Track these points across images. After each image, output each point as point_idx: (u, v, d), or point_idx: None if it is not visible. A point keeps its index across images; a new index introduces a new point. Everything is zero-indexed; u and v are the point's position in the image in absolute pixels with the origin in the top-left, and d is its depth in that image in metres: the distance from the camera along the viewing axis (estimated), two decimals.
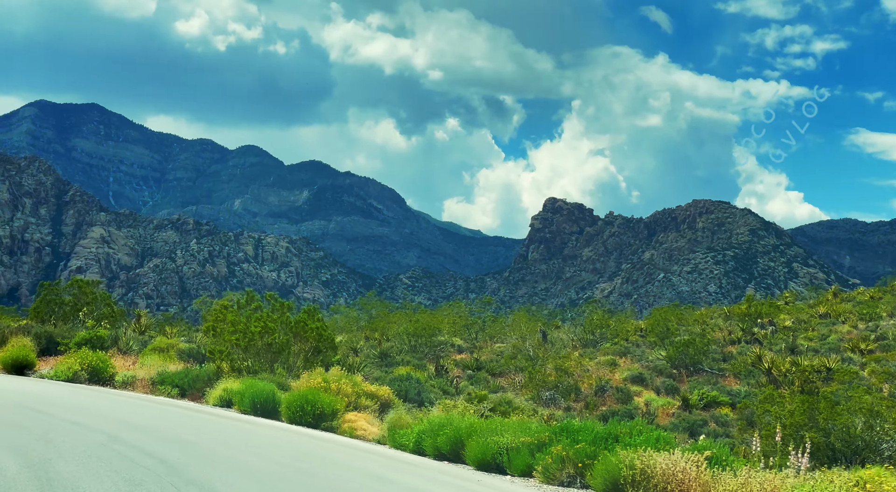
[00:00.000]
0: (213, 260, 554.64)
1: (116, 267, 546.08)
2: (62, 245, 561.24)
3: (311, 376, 39.56)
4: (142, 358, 50.51)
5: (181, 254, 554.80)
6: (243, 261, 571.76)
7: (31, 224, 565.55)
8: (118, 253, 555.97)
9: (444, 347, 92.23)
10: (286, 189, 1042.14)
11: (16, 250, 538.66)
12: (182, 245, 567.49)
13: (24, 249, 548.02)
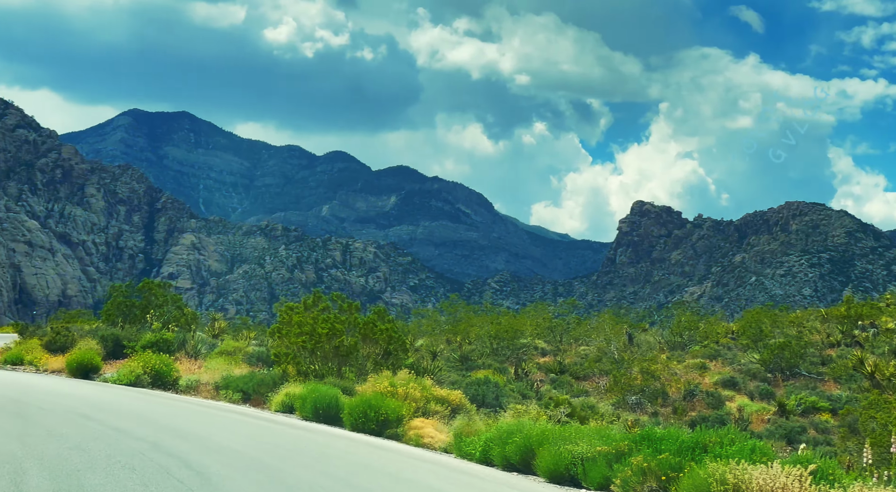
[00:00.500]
0: (301, 266, 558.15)
1: (207, 273, 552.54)
2: (154, 252, 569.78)
3: (378, 380, 37.42)
4: (207, 362, 48.96)
5: (270, 260, 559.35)
6: (331, 266, 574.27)
7: (125, 231, 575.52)
8: (208, 259, 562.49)
9: (526, 350, 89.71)
10: (374, 194, 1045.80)
11: (111, 257, 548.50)
12: (271, 251, 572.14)
13: (119, 255, 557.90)
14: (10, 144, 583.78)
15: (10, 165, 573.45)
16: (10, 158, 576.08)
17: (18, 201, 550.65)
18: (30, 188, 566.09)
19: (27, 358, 52.82)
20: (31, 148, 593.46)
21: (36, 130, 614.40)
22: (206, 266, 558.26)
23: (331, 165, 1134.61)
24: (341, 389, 38.35)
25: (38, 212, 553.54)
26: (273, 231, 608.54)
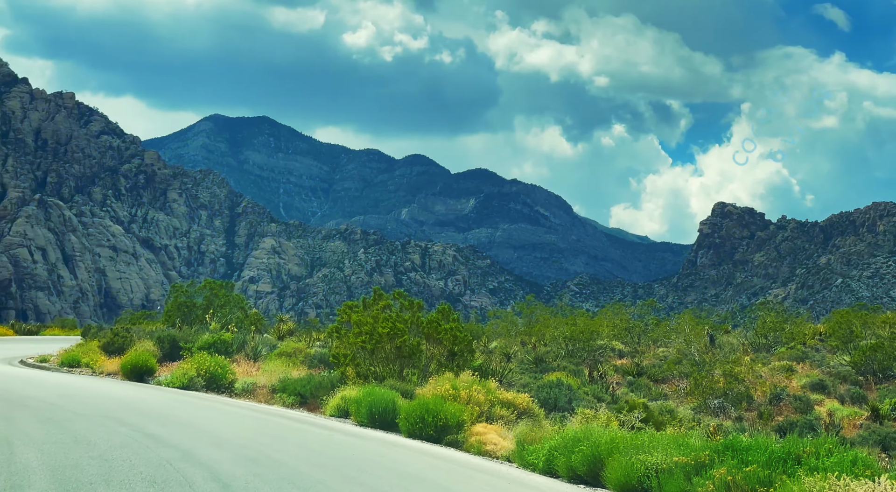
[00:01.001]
0: (380, 269, 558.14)
1: (287, 277, 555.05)
2: (235, 256, 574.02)
3: (439, 383, 35.09)
4: (265, 364, 47.07)
5: (349, 263, 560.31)
6: (410, 270, 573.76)
7: (207, 235, 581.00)
8: (288, 263, 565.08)
9: (602, 352, 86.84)
10: (453, 198, 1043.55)
11: (192, 261, 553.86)
12: (350, 255, 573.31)
13: (201, 259, 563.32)
14: (94, 150, 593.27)
15: (94, 170, 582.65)
16: (94, 164, 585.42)
17: (103, 207, 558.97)
18: (114, 194, 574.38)
19: (84, 360, 51.55)
20: (115, 154, 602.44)
21: (120, 137, 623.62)
22: (286, 270, 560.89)
23: (409, 168, 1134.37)
24: (401, 392, 36.13)
25: (122, 217, 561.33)
26: (352, 235, 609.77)
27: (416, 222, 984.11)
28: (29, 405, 28.54)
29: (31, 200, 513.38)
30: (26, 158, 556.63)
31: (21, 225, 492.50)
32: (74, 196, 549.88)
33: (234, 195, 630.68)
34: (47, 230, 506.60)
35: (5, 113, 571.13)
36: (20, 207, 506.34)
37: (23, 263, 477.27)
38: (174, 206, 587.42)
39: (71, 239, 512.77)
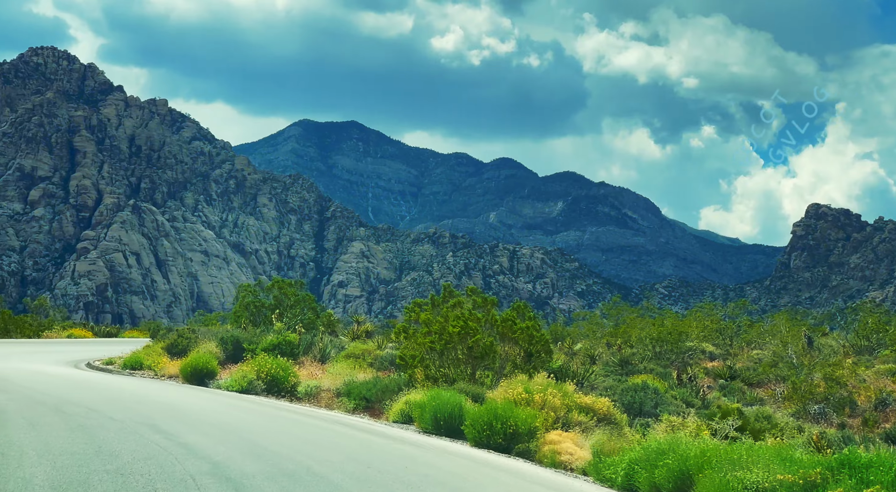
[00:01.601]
0: (469, 273, 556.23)
1: (376, 281, 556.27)
2: (324, 260, 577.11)
3: (511, 386, 32.19)
4: (331, 366, 44.65)
5: (438, 267, 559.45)
6: (499, 273, 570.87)
7: (296, 240, 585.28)
8: (377, 267, 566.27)
9: (692, 354, 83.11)
10: (541, 201, 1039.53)
11: (282, 266, 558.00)
12: (438, 258, 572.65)
13: (290, 264, 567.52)
14: (186, 155, 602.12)
15: (186, 176, 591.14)
16: (186, 170, 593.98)
17: (195, 212, 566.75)
18: (205, 199, 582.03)
19: (147, 362, 49.77)
20: (207, 159, 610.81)
21: (211, 142, 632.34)
22: (375, 274, 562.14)
23: (498, 171, 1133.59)
24: (471, 395, 33.33)
25: (213, 222, 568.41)
26: (441, 238, 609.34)
27: (505, 225, 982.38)
28: (65, 411, 26.64)
29: (125, 206, 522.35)
30: (121, 165, 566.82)
31: (116, 230, 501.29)
32: (167, 201, 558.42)
33: (323, 200, 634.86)
34: (141, 235, 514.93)
35: (101, 120, 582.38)
36: (115, 212, 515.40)
37: (118, 268, 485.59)
38: (264, 210, 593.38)
39: (164, 244, 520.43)
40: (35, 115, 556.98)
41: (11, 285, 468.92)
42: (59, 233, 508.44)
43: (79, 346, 67.54)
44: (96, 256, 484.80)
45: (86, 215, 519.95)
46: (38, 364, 48.82)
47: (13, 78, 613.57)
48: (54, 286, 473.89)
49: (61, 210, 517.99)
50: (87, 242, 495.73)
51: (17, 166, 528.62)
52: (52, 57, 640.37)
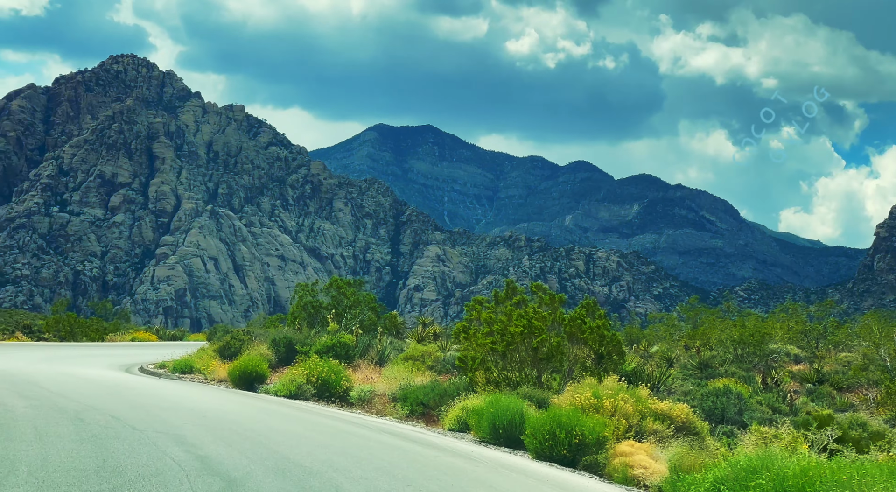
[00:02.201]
0: (544, 276, 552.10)
1: (452, 285, 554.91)
2: (400, 264, 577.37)
3: (578, 390, 29.20)
4: (387, 369, 41.99)
5: (514, 271, 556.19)
6: (574, 276, 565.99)
7: (372, 244, 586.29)
8: (453, 271, 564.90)
9: (776, 356, 79.23)
10: (616, 204, 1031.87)
11: (358, 270, 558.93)
12: (514, 262, 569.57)
13: (366, 268, 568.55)
14: (263, 161, 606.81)
15: (263, 181, 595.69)
16: (263, 175, 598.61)
17: (271, 217, 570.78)
18: (282, 204, 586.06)
19: (197, 366, 47.66)
20: (283, 165, 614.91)
21: (287, 147, 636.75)
22: (451, 277, 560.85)
23: (573, 175, 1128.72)
24: (535, 401, 30.45)
25: (290, 227, 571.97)
26: (516, 242, 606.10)
27: (580, 229, 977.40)
28: (83, 419, 24.51)
29: (203, 211, 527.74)
30: (199, 170, 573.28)
31: (194, 235, 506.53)
32: (244, 206, 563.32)
33: (398, 204, 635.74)
34: (219, 240, 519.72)
35: (180, 127, 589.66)
36: (193, 217, 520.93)
37: (196, 273, 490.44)
38: (340, 215, 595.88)
39: (241, 249, 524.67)
40: (115, 123, 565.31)
41: (93, 290, 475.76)
42: (139, 238, 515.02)
43: (139, 349, 65.99)
44: (175, 262, 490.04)
45: (164, 221, 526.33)
46: (87, 368, 47.10)
47: (94, 86, 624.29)
48: (135, 291, 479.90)
49: (141, 216, 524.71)
50: (166, 247, 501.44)
51: (98, 173, 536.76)
52: (132, 64, 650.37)
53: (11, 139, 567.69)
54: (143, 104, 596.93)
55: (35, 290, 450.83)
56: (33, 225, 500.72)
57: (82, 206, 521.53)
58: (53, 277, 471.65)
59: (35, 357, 53.83)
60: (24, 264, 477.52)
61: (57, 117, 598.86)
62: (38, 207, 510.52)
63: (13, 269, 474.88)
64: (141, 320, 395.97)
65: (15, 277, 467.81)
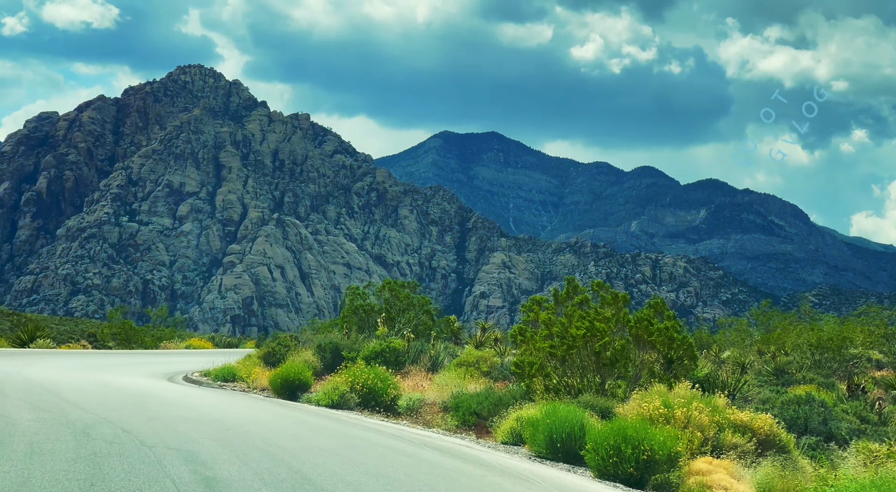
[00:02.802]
0: (611, 282, 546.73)
1: (518, 291, 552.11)
2: (466, 271, 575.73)
3: (646, 399, 26.19)
4: (438, 376, 39.15)
5: (580, 277, 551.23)
6: (641, 282, 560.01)
7: (438, 251, 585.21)
8: (519, 277, 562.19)
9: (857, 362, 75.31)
10: (683, 209, 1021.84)
11: (424, 277, 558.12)
12: (580, 268, 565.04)
13: (432, 275, 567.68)
14: (328, 169, 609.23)
15: (328, 189, 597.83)
16: (328, 183, 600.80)
17: (337, 225, 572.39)
18: (347, 212, 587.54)
19: (240, 374, 45.25)
20: (348, 173, 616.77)
21: (352, 156, 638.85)
22: (517, 284, 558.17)
23: (639, 180, 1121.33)
24: (598, 410, 27.51)
25: (356, 234, 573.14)
26: (582, 248, 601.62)
27: (646, 234, 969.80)
28: (90, 433, 22.25)
29: (269, 220, 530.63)
30: (265, 179, 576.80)
31: (261, 244, 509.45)
32: (310, 215, 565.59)
33: (464, 211, 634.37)
34: (285, 249, 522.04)
35: (246, 136, 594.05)
36: (260, 226, 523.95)
37: (263, 281, 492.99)
38: (405, 222, 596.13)
39: (307, 257, 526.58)
40: (182, 132, 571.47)
41: (162, 299, 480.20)
42: (207, 247, 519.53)
43: (190, 357, 63.88)
44: (242, 270, 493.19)
45: (231, 230, 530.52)
46: (127, 376, 45.01)
47: (162, 96, 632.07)
48: (202, 300, 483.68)
49: (208, 225, 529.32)
50: (233, 255, 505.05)
51: (167, 182, 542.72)
52: (199, 74, 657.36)
53: (82, 150, 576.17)
54: (210, 114, 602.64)
55: (106, 299, 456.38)
56: (104, 235, 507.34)
57: (151, 215, 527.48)
58: (123, 287, 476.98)
59: (78, 365, 52.09)
60: (94, 274, 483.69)
61: (126, 128, 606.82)
62: (108, 217, 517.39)
63: (84, 278, 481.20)
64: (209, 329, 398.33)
65: (86, 287, 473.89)
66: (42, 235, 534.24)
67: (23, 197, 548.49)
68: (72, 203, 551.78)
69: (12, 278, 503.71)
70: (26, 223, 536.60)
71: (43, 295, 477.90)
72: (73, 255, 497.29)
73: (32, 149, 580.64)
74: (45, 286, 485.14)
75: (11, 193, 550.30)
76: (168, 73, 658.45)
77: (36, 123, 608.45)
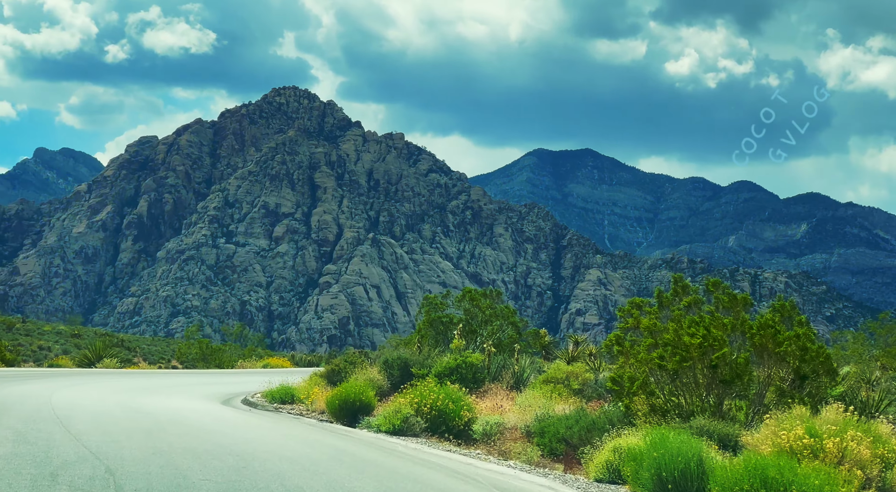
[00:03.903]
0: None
1: (614, 308, 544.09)
2: (561, 288, 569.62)
3: (783, 424, 20.67)
4: (522, 395, 33.54)
5: None
6: None
7: (533, 269, 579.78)
8: (615, 294, 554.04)
9: None
10: (782, 223, 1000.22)
11: (520, 295, 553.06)
12: None
13: (528, 293, 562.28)
14: (423, 188, 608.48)
15: (423, 208, 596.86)
16: (423, 202, 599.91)
17: (432, 243, 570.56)
18: (442, 230, 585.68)
19: (299, 395, 40.16)
20: (443, 191, 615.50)
21: (447, 174, 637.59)
22: (613, 301, 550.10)
23: (736, 195, 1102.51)
24: (717, 438, 22.06)
25: (451, 253, 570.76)
26: (679, 264, 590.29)
27: (744, 250, 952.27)
28: (59, 477, 17.44)
29: (365, 240, 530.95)
30: (360, 199, 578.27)
31: (357, 264, 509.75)
32: (405, 234, 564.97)
33: (558, 228, 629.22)
34: (381, 268, 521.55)
35: (340, 156, 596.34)
36: (355, 246, 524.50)
37: (359, 301, 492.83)
38: (500, 240, 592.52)
39: (403, 276, 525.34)
40: (278, 154, 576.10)
41: (259, 320, 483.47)
42: (303, 268, 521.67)
43: (260, 376, 59.05)
44: (338, 290, 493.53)
45: (327, 250, 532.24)
46: (176, 398, 40.57)
47: (258, 118, 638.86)
48: (299, 320, 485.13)
49: (304, 245, 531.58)
50: (329, 276, 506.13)
51: (262, 204, 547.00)
52: (294, 96, 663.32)
53: (180, 173, 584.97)
54: (305, 135, 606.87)
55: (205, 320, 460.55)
56: (201, 257, 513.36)
57: (247, 237, 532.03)
58: (221, 308, 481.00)
59: (127, 387, 48.04)
60: (193, 295, 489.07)
61: (222, 150, 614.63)
62: (206, 239, 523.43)
63: (184, 300, 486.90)
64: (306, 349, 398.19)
65: (186, 308, 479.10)
66: (143, 257, 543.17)
67: (124, 220, 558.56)
68: (171, 226, 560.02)
69: (115, 300, 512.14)
70: (128, 246, 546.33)
71: (144, 317, 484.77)
72: (172, 277, 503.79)
73: (133, 173, 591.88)
74: (146, 308, 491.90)
75: (114, 216, 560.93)
76: (263, 96, 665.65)
77: (137, 147, 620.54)
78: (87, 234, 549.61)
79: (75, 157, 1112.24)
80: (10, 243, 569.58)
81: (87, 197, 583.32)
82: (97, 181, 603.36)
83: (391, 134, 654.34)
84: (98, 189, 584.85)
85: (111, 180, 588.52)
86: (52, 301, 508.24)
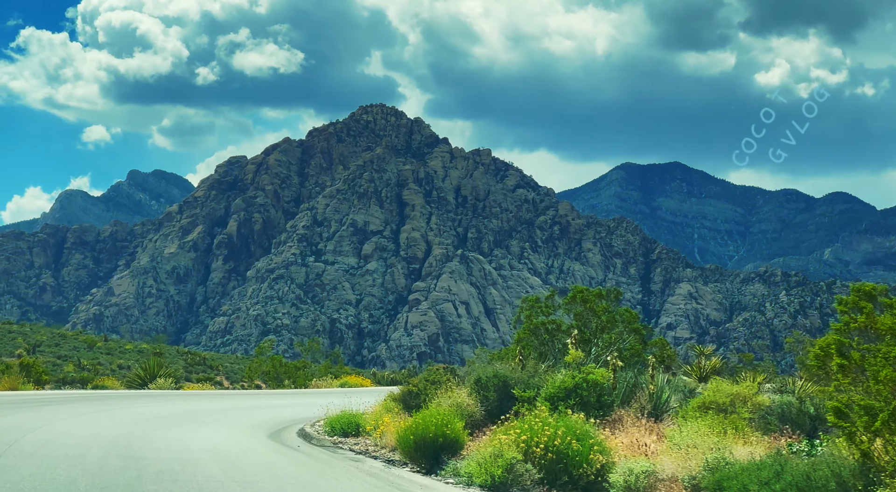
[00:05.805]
0: (804, 311, 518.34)
1: (706, 322, 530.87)
2: (652, 303, 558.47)
3: None
4: (673, 429, 23.39)
5: (770, 307, 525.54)
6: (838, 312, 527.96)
7: (622, 283, 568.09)
8: (706, 308, 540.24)
9: None
10: (881, 235, 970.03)
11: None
12: (771, 297, 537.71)
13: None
14: (511, 204, 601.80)
15: (511, 224, 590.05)
16: (511, 218, 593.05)
17: (520, 259, 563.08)
18: (531, 246, 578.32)
19: (366, 425, 30.32)
20: (531, 207, 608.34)
21: (534, 190, 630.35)
22: (705, 315, 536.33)
23: (830, 206, 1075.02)
24: None
25: (539, 268, 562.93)
26: (772, 277, 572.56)
27: (841, 262, 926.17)
28: None
29: (453, 256, 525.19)
30: (448, 215, 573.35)
31: (445, 280, 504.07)
32: (493, 250, 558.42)
33: (647, 242, 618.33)
34: (469, 285, 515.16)
35: (428, 173, 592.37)
36: (444, 263, 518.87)
37: (448, 318, 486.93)
38: (589, 255, 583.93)
39: (491, 292, 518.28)
40: (366, 171, 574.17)
41: (349, 338, 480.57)
42: (392, 285, 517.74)
43: (333, 397, 50.46)
44: (427, 307, 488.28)
45: (416, 267, 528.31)
46: (216, 429, 31.63)
47: (345, 136, 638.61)
48: (389, 338, 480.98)
49: (393, 263, 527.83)
50: (418, 293, 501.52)
51: (351, 222, 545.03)
52: (381, 113, 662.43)
53: (269, 192, 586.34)
54: (393, 152, 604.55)
55: (295, 338, 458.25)
56: (291, 275, 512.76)
57: (336, 255, 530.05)
58: (311, 326, 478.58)
59: (164, 413, 39.41)
60: (283, 314, 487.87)
61: (310, 169, 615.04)
62: (295, 258, 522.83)
63: (274, 318, 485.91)
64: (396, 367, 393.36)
65: (276, 327, 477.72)
66: (233, 276, 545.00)
67: (215, 240, 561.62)
68: (260, 245, 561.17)
69: (207, 320, 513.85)
70: (218, 266, 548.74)
71: (235, 336, 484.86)
72: (262, 296, 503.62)
73: (223, 193, 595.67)
74: (237, 327, 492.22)
75: (205, 236, 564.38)
76: (350, 114, 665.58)
77: (226, 167, 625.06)
78: (178, 254, 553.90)
79: (167, 178, 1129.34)
80: (105, 265, 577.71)
81: (178, 218, 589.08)
82: (188, 202, 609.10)
83: (478, 150, 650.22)
84: (189, 210, 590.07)
85: (201, 201, 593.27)
86: (146, 321, 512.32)
